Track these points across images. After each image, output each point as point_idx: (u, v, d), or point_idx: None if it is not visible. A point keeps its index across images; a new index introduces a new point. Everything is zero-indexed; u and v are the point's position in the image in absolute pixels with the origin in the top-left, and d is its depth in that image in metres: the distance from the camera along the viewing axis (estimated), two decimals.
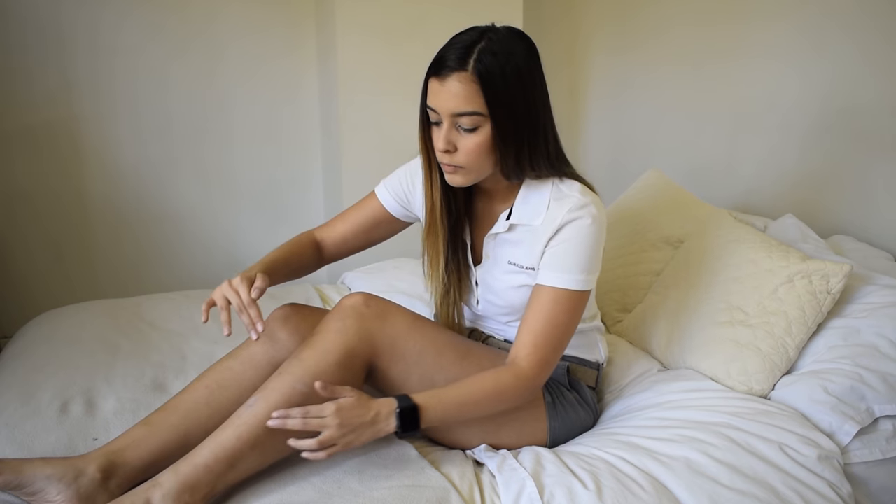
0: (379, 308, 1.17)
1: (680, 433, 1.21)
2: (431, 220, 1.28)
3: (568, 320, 1.19)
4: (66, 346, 1.49)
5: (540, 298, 1.19)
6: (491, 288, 1.29)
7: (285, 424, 1.01)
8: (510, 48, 1.11)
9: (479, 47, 1.09)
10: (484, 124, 1.12)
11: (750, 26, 2.15)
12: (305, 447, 1.01)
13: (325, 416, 1.01)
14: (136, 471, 1.07)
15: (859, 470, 1.24)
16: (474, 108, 1.10)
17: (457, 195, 1.29)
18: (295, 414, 1.01)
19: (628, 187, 2.00)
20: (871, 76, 1.87)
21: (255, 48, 2.35)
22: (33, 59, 2.13)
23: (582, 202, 1.18)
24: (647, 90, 2.52)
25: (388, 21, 2.20)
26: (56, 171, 2.22)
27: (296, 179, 2.51)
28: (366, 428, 1.04)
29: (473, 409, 1.13)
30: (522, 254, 1.24)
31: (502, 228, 1.25)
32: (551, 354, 1.18)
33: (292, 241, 1.34)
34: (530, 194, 1.23)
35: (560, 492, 1.07)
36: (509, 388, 1.14)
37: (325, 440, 1.01)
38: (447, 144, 1.13)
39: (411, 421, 1.06)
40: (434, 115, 1.14)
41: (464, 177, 1.18)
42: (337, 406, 1.02)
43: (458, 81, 1.09)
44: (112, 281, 2.35)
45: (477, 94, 1.09)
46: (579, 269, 1.18)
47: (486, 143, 1.13)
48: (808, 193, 2.05)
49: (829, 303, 1.41)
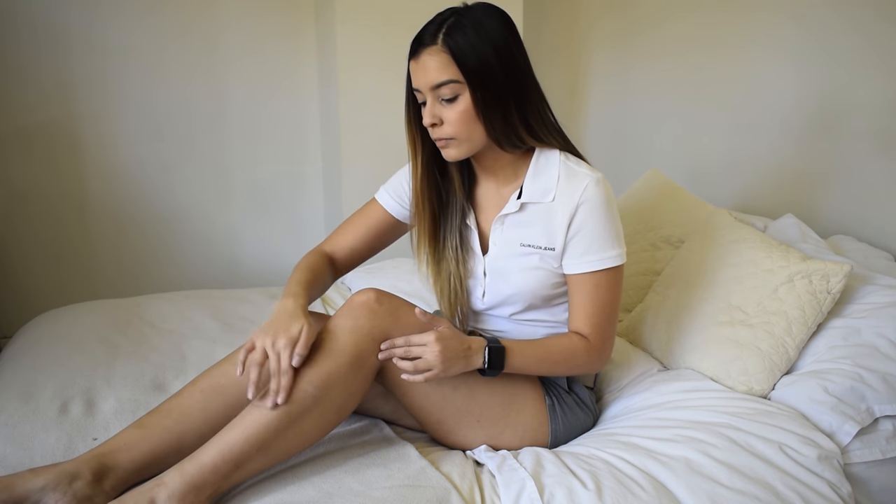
0: (392, 305, 1.16)
1: (680, 433, 1.21)
2: (416, 201, 1.29)
3: (613, 297, 1.25)
4: (66, 346, 1.49)
5: (584, 285, 1.23)
6: (501, 274, 1.28)
7: (392, 354, 1.11)
8: (480, 20, 1.15)
9: (448, 23, 1.15)
10: (462, 92, 1.15)
11: (751, 17, 2.14)
12: (404, 368, 1.11)
13: (426, 345, 1.10)
14: (128, 473, 1.06)
15: (859, 470, 1.24)
16: (449, 76, 1.14)
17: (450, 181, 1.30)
18: (399, 343, 1.11)
19: (628, 187, 2.00)
20: (871, 76, 1.87)
21: (253, 45, 2.34)
22: (29, 59, 2.12)
23: (594, 179, 1.22)
24: (647, 89, 2.52)
25: (388, 11, 2.18)
26: (54, 172, 2.22)
27: (295, 178, 2.51)
28: (459, 358, 1.13)
29: (550, 366, 1.23)
30: (537, 233, 1.24)
31: (513, 209, 1.26)
32: (609, 329, 1.25)
33: (309, 263, 1.29)
34: (539, 172, 1.25)
35: (560, 492, 1.07)
36: (581, 354, 1.24)
37: (423, 365, 1.10)
38: (433, 118, 1.18)
39: (497, 360, 1.16)
40: (419, 96, 1.19)
41: (456, 149, 1.20)
42: (438, 335, 1.11)
43: (430, 55, 1.15)
44: (111, 281, 2.34)
45: (449, 63, 1.14)
46: (608, 246, 1.21)
47: (468, 110, 1.16)
48: (808, 193, 2.05)
49: (829, 303, 1.41)
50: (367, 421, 1.28)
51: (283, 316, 1.10)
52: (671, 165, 2.20)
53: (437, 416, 1.21)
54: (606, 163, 2.68)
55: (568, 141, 1.28)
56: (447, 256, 1.31)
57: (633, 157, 2.59)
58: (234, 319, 1.69)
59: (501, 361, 1.17)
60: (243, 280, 2.48)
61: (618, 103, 2.64)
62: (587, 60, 2.68)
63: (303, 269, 1.26)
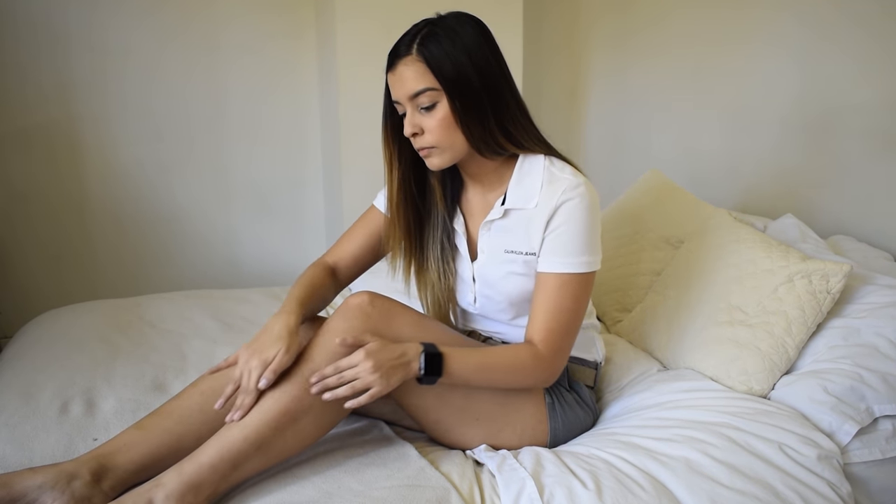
0: (385, 307, 1.16)
1: (680, 433, 1.21)
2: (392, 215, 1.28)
3: (576, 305, 1.20)
4: (66, 347, 1.49)
5: (546, 286, 1.20)
6: (488, 281, 1.29)
7: (326, 385, 1.05)
8: (454, 28, 1.16)
9: (423, 33, 1.16)
10: (440, 99, 1.15)
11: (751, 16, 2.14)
12: (341, 395, 1.05)
13: (356, 364, 1.06)
14: (127, 474, 1.06)
15: (859, 470, 1.24)
16: (425, 84, 1.14)
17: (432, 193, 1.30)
18: (329, 372, 1.06)
19: (628, 187, 2.00)
20: (870, 76, 1.87)
21: (253, 45, 2.35)
22: (29, 59, 2.12)
23: (574, 183, 1.19)
24: (647, 89, 2.52)
25: (388, 12, 2.18)
26: (54, 172, 2.22)
27: (295, 178, 2.51)
28: (396, 368, 1.08)
29: (491, 375, 1.17)
30: (519, 239, 1.24)
31: (497, 215, 1.25)
32: (564, 339, 1.20)
33: (310, 277, 1.28)
34: (523, 178, 1.24)
35: (560, 491, 1.07)
36: (527, 366, 1.18)
37: (360, 386, 1.05)
38: (413, 128, 1.17)
39: (435, 367, 1.10)
40: (399, 108, 1.19)
41: (439, 157, 1.20)
42: (366, 351, 1.06)
43: (406, 66, 1.15)
44: (111, 281, 2.35)
45: (425, 72, 1.14)
46: (580, 251, 1.19)
47: (446, 117, 1.16)
48: (808, 193, 2.05)
49: (829, 303, 1.41)
50: (366, 421, 1.28)
51: (266, 336, 1.11)
52: (671, 166, 2.20)
53: (435, 416, 1.21)
54: (606, 163, 2.69)
55: (550, 147, 1.26)
56: (430, 268, 1.32)
57: (632, 158, 2.59)
58: (234, 320, 1.69)
59: (439, 368, 1.11)
60: (243, 280, 2.48)
61: (618, 103, 2.64)
62: (587, 61, 2.68)
63: (302, 285, 1.25)
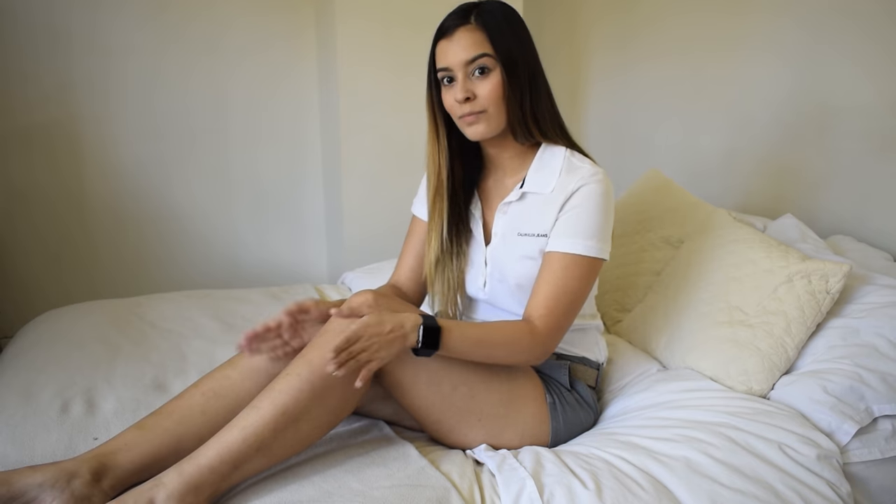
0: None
1: (679, 433, 1.21)
2: (437, 182, 1.31)
3: (579, 287, 1.22)
4: (67, 347, 1.49)
5: (552, 264, 1.22)
6: (500, 264, 1.30)
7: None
8: (504, 9, 1.25)
9: (478, 9, 1.23)
10: (495, 67, 1.21)
11: (751, 17, 2.14)
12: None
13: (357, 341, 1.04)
14: (127, 473, 1.06)
15: (858, 469, 1.24)
16: (484, 50, 1.21)
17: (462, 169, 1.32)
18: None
19: (628, 187, 2.01)
20: (870, 76, 1.87)
21: (253, 46, 2.35)
22: (30, 59, 2.12)
23: (593, 171, 1.24)
24: (647, 90, 2.52)
25: (388, 12, 2.18)
26: (54, 172, 2.22)
27: (295, 178, 2.51)
28: (393, 341, 1.07)
29: (488, 350, 1.17)
30: (533, 221, 1.27)
31: (514, 197, 1.30)
32: (563, 319, 1.22)
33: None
34: (543, 166, 1.29)
35: (560, 491, 1.07)
36: (523, 341, 1.18)
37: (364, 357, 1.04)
38: (466, 92, 1.21)
39: (433, 340, 1.10)
40: (447, 74, 1.24)
41: (486, 123, 1.23)
42: (363, 323, 1.05)
43: (465, 32, 1.21)
44: (112, 281, 2.35)
45: (484, 39, 1.21)
46: (590, 234, 1.21)
47: (500, 84, 1.22)
48: (808, 193, 2.05)
49: (829, 303, 1.42)
50: (366, 421, 1.28)
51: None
52: (671, 165, 2.20)
53: (437, 416, 1.21)
54: (606, 163, 2.65)
55: (573, 141, 1.31)
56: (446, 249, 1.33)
57: (632, 158, 2.59)
58: (234, 319, 1.69)
59: (437, 341, 1.11)
60: (244, 280, 2.48)
61: (618, 104, 2.64)
62: (587, 61, 2.69)
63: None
